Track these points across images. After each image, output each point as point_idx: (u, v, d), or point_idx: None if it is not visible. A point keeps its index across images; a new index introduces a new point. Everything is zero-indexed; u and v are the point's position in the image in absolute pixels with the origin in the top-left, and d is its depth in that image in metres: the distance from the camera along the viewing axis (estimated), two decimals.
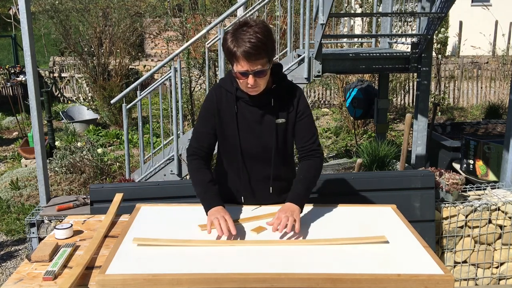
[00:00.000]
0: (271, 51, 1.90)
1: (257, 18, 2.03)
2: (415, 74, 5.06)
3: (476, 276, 3.49)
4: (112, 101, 5.06)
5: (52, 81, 11.27)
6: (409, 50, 4.81)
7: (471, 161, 4.73)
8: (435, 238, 3.29)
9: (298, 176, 2.08)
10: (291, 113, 2.06)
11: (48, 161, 5.52)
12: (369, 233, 1.88)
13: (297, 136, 2.10)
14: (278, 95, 2.04)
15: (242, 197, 2.17)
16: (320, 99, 10.95)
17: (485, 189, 3.72)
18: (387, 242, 1.79)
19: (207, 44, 5.03)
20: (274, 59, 1.98)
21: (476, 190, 3.70)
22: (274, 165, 2.10)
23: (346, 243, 1.79)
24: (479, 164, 4.65)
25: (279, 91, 2.04)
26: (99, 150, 6.09)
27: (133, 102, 4.84)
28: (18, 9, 3.60)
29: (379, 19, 5.75)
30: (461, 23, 14.49)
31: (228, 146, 2.10)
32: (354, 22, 10.65)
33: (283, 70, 4.47)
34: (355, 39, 7.05)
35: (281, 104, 2.05)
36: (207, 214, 1.93)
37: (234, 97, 2.03)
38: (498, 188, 3.76)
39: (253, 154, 2.09)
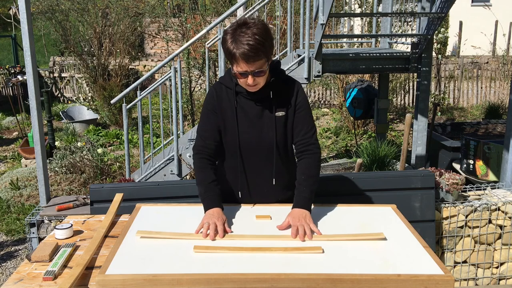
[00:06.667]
0: (270, 50, 1.92)
1: (256, 18, 2.00)
2: (415, 74, 5.06)
3: (476, 276, 3.49)
4: (112, 101, 5.06)
5: (52, 81, 11.25)
6: (409, 50, 4.81)
7: (471, 161, 4.73)
8: (435, 238, 3.29)
9: (300, 177, 2.05)
10: (290, 106, 2.07)
11: (48, 161, 5.52)
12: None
13: (294, 129, 2.10)
14: (276, 88, 2.05)
15: (240, 193, 2.17)
16: (320, 99, 10.95)
17: (485, 189, 3.71)
18: (384, 239, 1.80)
19: (207, 44, 5.03)
20: (273, 58, 1.98)
21: (476, 190, 3.69)
22: (276, 159, 2.10)
23: (343, 239, 1.80)
24: (479, 164, 4.65)
25: (277, 85, 2.05)
26: (99, 150, 6.09)
27: (133, 102, 4.84)
28: (18, 9, 3.61)
29: (379, 19, 5.75)
30: (461, 23, 14.48)
31: (228, 141, 2.11)
32: (354, 22, 10.65)
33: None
34: (355, 39, 7.06)
35: (280, 98, 2.06)
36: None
37: (234, 92, 2.04)
38: (498, 188, 3.76)
39: (254, 149, 2.09)
